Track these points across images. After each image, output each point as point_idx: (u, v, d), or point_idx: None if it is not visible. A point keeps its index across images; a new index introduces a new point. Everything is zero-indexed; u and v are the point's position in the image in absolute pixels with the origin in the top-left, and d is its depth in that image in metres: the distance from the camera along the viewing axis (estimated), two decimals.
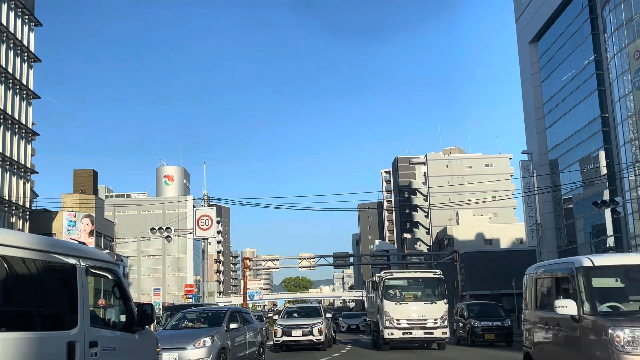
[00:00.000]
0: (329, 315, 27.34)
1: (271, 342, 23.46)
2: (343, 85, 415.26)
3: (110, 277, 6.97)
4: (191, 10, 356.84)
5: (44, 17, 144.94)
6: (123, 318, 7.15)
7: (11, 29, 48.19)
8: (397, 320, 20.89)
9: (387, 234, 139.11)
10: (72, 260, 6.16)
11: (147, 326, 7.36)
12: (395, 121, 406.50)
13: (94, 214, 58.85)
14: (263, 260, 60.20)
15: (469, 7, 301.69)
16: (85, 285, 6.26)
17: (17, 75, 49.34)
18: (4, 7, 47.38)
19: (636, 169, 39.86)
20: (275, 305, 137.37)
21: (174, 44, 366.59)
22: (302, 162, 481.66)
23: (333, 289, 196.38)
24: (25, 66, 51.17)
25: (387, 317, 21.09)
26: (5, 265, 5.22)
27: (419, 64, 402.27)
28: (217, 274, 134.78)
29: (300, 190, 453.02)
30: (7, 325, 5.10)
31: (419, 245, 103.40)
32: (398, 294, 21.78)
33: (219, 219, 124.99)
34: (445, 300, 21.83)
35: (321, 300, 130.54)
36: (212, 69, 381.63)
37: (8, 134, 47.84)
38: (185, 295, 63.58)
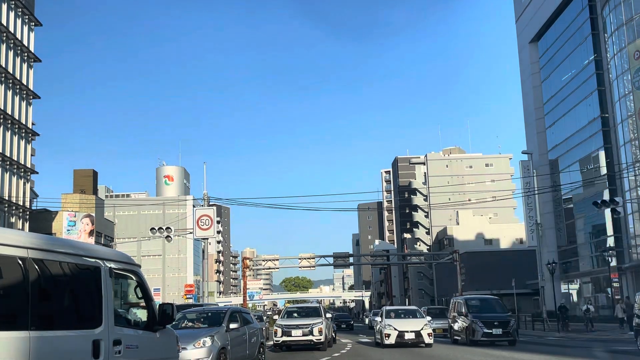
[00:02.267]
0: (329, 315, 27.30)
1: (271, 342, 23.46)
2: (343, 85, 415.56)
3: (133, 277, 7.26)
4: (191, 9, 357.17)
5: (44, 17, 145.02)
6: (145, 317, 7.42)
7: (11, 29, 48.19)
8: None
9: (387, 234, 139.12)
10: (96, 262, 6.45)
11: (168, 325, 7.62)
12: (395, 121, 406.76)
13: (94, 214, 58.87)
14: (263, 260, 60.21)
15: (469, 7, 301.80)
16: (110, 286, 6.54)
17: (17, 75, 49.35)
18: (4, 7, 47.38)
19: (636, 169, 39.85)
20: (275, 305, 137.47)
21: (174, 44, 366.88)
22: (302, 162, 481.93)
23: (333, 289, 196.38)
24: (25, 66, 51.17)
25: None
26: (36, 267, 5.50)
27: (419, 63, 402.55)
28: (217, 274, 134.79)
29: (300, 190, 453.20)
30: (37, 325, 5.37)
31: (419, 245, 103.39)
32: None
33: (219, 219, 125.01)
34: None
35: (321, 300, 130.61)
36: (213, 69, 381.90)
37: (8, 134, 47.85)
38: (185, 295, 63.61)
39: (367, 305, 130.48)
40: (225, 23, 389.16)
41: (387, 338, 22.49)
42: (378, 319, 25.25)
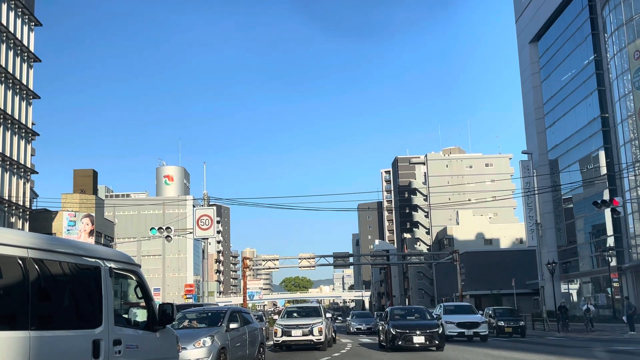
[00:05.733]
0: (329, 315, 27.29)
1: (271, 342, 23.47)
2: (343, 85, 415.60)
3: (133, 277, 7.25)
4: (191, 10, 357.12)
5: (44, 17, 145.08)
6: (145, 317, 7.40)
7: (11, 29, 48.20)
8: None
9: (387, 233, 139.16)
10: (96, 262, 6.45)
11: (168, 325, 7.60)
12: (395, 121, 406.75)
13: (94, 214, 58.87)
14: (263, 260, 60.19)
15: (469, 7, 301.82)
16: (110, 286, 6.54)
17: (17, 75, 49.36)
18: (4, 7, 47.38)
19: (636, 169, 39.86)
20: (275, 305, 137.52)
21: (174, 44, 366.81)
22: (303, 162, 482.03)
23: (333, 289, 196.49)
24: (25, 66, 51.18)
25: None
26: (36, 267, 5.50)
27: (419, 63, 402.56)
28: (217, 274, 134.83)
29: (300, 190, 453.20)
30: (37, 325, 5.37)
31: (419, 245, 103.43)
32: None
33: (219, 219, 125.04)
34: None
35: (321, 300, 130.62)
36: (214, 69, 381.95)
37: (8, 134, 47.85)
38: (185, 295, 63.59)
39: (367, 305, 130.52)
40: (226, 23, 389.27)
41: None
42: None
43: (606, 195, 43.25)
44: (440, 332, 19.61)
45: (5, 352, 5.00)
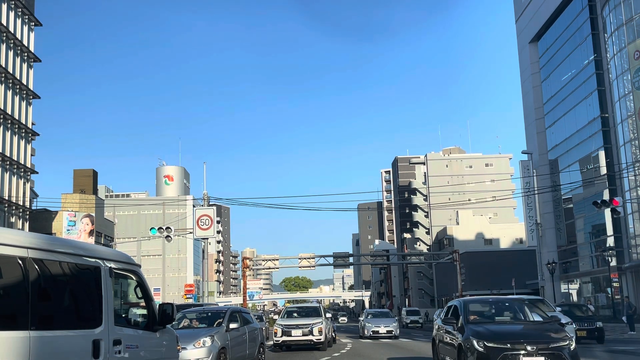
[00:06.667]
0: (328, 315, 27.27)
1: (271, 342, 23.46)
2: (343, 85, 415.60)
3: (133, 277, 7.24)
4: (191, 9, 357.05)
5: (44, 17, 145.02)
6: (145, 317, 7.39)
7: (11, 29, 48.19)
8: None
9: (387, 233, 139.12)
10: (96, 262, 6.45)
11: (168, 325, 7.60)
12: (395, 121, 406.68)
13: (94, 214, 58.86)
14: (263, 260, 60.12)
15: (469, 7, 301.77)
16: (110, 286, 6.53)
17: (17, 75, 49.34)
18: (4, 7, 47.37)
19: (636, 169, 39.85)
20: (275, 305, 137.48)
21: (174, 43, 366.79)
22: (302, 162, 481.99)
23: (333, 289, 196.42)
24: (25, 66, 51.16)
25: None
26: (36, 267, 5.49)
27: (419, 63, 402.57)
28: (217, 274, 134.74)
29: (300, 190, 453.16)
30: (37, 325, 5.36)
31: (419, 245, 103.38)
32: None
33: (218, 218, 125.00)
34: None
35: (321, 300, 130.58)
36: (214, 69, 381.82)
37: (8, 134, 47.84)
38: (185, 295, 63.54)
39: (367, 305, 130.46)
40: (226, 23, 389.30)
41: None
42: None
43: (606, 195, 43.24)
44: (572, 347, 10.64)
45: (5, 352, 4.99)
